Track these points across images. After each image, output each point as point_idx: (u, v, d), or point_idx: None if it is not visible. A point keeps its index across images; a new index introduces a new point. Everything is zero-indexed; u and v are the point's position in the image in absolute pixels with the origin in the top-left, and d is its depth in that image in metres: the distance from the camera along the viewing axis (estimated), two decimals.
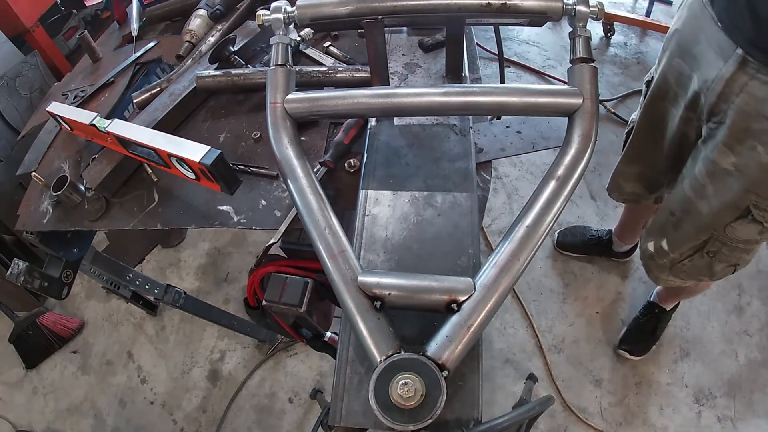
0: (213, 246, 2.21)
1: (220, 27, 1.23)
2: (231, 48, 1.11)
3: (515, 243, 0.63)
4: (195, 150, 0.77)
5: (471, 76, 1.02)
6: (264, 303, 0.77)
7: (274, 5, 0.78)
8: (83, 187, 0.98)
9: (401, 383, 0.54)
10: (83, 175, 0.99)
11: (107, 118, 0.92)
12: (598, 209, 2.12)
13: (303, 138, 0.98)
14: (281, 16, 0.77)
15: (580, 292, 1.91)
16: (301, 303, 0.76)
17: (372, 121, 0.90)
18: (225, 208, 0.90)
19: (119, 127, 0.88)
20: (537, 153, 1.00)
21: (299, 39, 0.86)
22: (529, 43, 2.81)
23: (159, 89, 1.10)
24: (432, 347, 0.57)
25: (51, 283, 1.03)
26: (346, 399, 0.62)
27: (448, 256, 0.70)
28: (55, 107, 1.04)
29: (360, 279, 0.62)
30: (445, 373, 0.55)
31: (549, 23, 0.78)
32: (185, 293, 1.44)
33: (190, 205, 0.93)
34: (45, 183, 1.01)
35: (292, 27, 0.80)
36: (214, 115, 1.08)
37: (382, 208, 0.76)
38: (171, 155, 0.80)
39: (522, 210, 0.66)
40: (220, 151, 0.75)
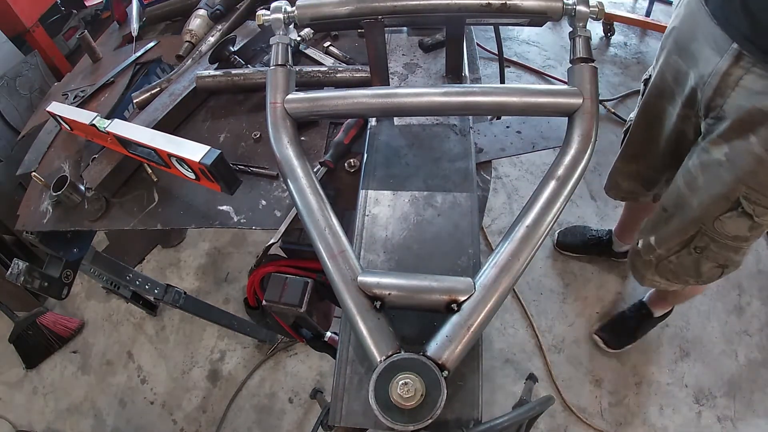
0: (213, 246, 2.21)
1: (220, 27, 1.23)
2: (231, 48, 1.11)
3: (515, 243, 0.63)
4: (195, 150, 0.77)
5: (471, 76, 1.02)
6: (264, 303, 0.77)
7: (274, 5, 0.78)
8: (83, 187, 0.98)
9: (401, 383, 0.54)
10: (83, 175, 0.99)
11: (107, 118, 0.92)
12: (598, 209, 2.12)
13: (303, 138, 0.98)
14: (281, 16, 0.77)
15: (580, 292, 1.91)
16: (301, 303, 0.76)
17: (372, 121, 0.90)
18: (225, 208, 0.90)
19: (119, 127, 0.88)
20: (537, 153, 1.00)
21: (299, 39, 0.86)
22: (529, 43, 2.81)
23: (159, 89, 1.10)
24: (432, 347, 0.58)
25: (51, 283, 1.03)
26: (346, 399, 0.62)
27: (448, 256, 0.70)
28: (55, 107, 1.04)
29: (360, 279, 0.62)
30: (445, 373, 0.55)
31: (549, 23, 0.78)
32: (185, 293, 1.44)
33: (190, 205, 0.93)
34: (45, 183, 1.01)
35: (292, 27, 0.80)
36: (214, 115, 1.08)
37: (382, 208, 0.76)
38: (171, 155, 0.80)
39: (522, 210, 0.66)
40: (220, 151, 0.75)
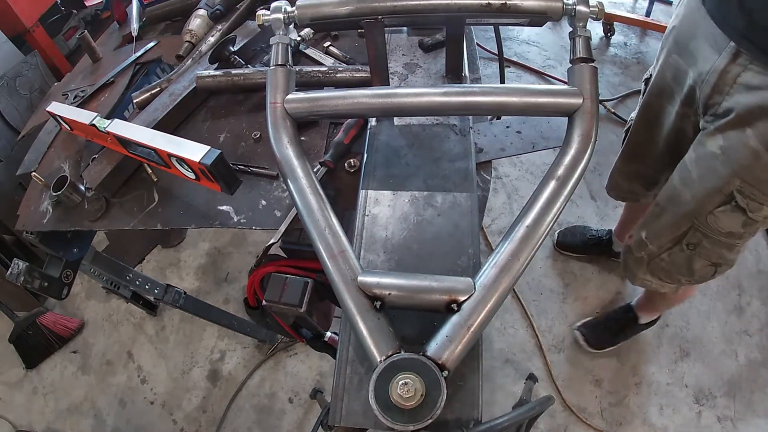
0: (213, 246, 2.21)
1: (220, 27, 1.23)
2: (231, 48, 1.11)
3: (515, 243, 0.63)
4: (195, 150, 0.77)
5: (471, 76, 1.02)
6: (264, 303, 0.77)
7: (274, 5, 0.78)
8: (83, 187, 0.98)
9: (401, 383, 0.54)
10: (83, 175, 0.99)
11: (107, 118, 0.92)
12: (598, 209, 2.12)
13: (303, 138, 0.98)
14: (281, 16, 0.77)
15: (580, 292, 1.91)
16: (301, 303, 0.76)
17: (372, 121, 0.90)
18: (225, 208, 0.90)
19: (119, 127, 0.88)
20: (537, 153, 1.00)
21: (299, 39, 0.87)
22: (529, 43, 2.81)
23: (159, 89, 1.10)
24: (432, 347, 0.58)
25: (51, 283, 1.02)
26: (346, 399, 0.62)
27: (448, 256, 0.70)
28: (55, 107, 1.04)
29: (360, 279, 0.62)
30: (445, 373, 0.55)
31: (549, 23, 0.78)
32: (185, 293, 1.44)
33: (190, 205, 0.93)
34: (45, 183, 1.01)
35: (292, 27, 0.80)
36: (214, 115, 1.08)
37: (382, 208, 0.76)
38: (171, 155, 0.80)
39: (522, 210, 0.66)
40: (220, 151, 0.75)
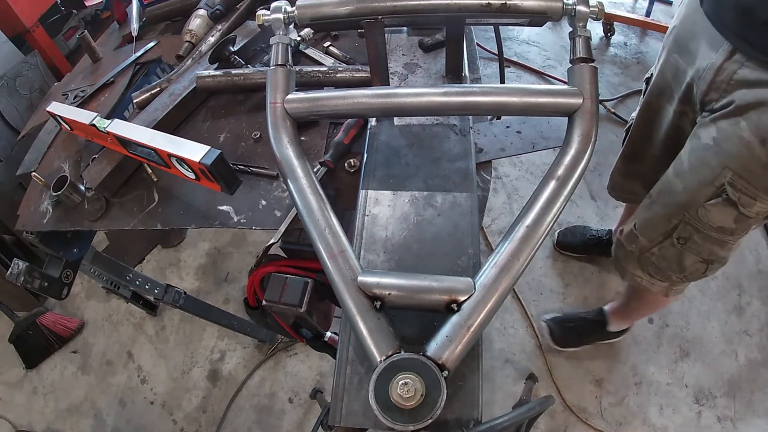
0: (213, 246, 2.21)
1: (220, 27, 1.23)
2: (231, 48, 1.11)
3: (515, 243, 0.63)
4: (195, 150, 0.77)
5: (471, 76, 1.02)
6: (264, 303, 0.77)
7: (274, 5, 0.78)
8: (83, 187, 0.98)
9: (401, 383, 0.54)
10: (83, 175, 0.99)
11: (107, 118, 0.92)
12: (598, 209, 2.12)
13: (303, 138, 0.98)
14: (281, 16, 0.77)
15: (580, 292, 1.91)
16: (301, 303, 0.76)
17: (372, 121, 0.90)
18: (225, 208, 0.90)
19: (119, 127, 0.88)
20: (537, 153, 1.00)
21: (299, 39, 0.87)
22: (529, 43, 2.81)
23: (159, 89, 1.10)
24: (432, 347, 0.58)
25: (51, 283, 1.02)
26: (346, 399, 0.62)
27: (448, 256, 0.70)
28: (55, 107, 1.04)
29: (360, 279, 0.62)
30: (445, 373, 0.55)
31: (549, 23, 0.78)
32: (185, 293, 1.44)
33: (190, 205, 0.93)
34: (45, 183, 1.01)
35: (292, 27, 0.80)
36: (214, 115, 1.08)
37: (382, 208, 0.76)
38: (171, 155, 0.80)
39: (522, 210, 0.66)
40: (220, 151, 0.75)
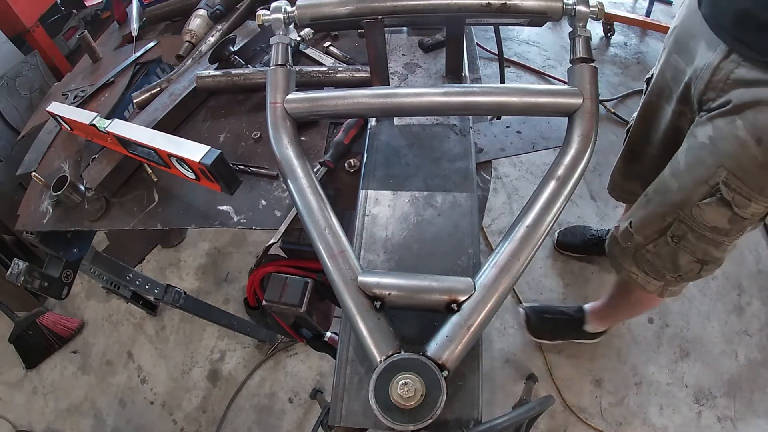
0: (213, 246, 2.21)
1: (220, 27, 1.23)
2: (231, 48, 1.11)
3: (515, 243, 0.63)
4: (195, 150, 0.77)
5: (471, 76, 1.02)
6: (264, 303, 0.77)
7: (274, 5, 0.78)
8: (83, 187, 0.98)
9: (401, 383, 0.54)
10: (83, 175, 0.99)
11: (107, 118, 0.92)
12: (598, 209, 2.12)
13: (303, 138, 0.98)
14: (281, 16, 0.77)
15: (580, 292, 1.91)
16: (301, 303, 0.76)
17: (372, 121, 0.90)
18: (225, 208, 0.90)
19: (119, 127, 0.88)
20: (537, 153, 1.00)
21: (299, 39, 0.87)
22: (529, 43, 2.81)
23: (159, 89, 1.10)
24: (432, 347, 0.58)
25: (51, 283, 1.02)
26: (346, 399, 0.62)
27: (448, 256, 0.70)
28: (55, 107, 1.04)
29: (360, 279, 0.62)
30: (445, 373, 0.55)
31: (549, 23, 0.78)
32: (185, 293, 1.44)
33: (190, 205, 0.93)
34: (45, 183, 1.01)
35: (292, 27, 0.80)
36: (214, 115, 1.08)
37: (382, 208, 0.76)
38: (171, 155, 0.80)
39: (522, 210, 0.66)
40: (220, 151, 0.75)
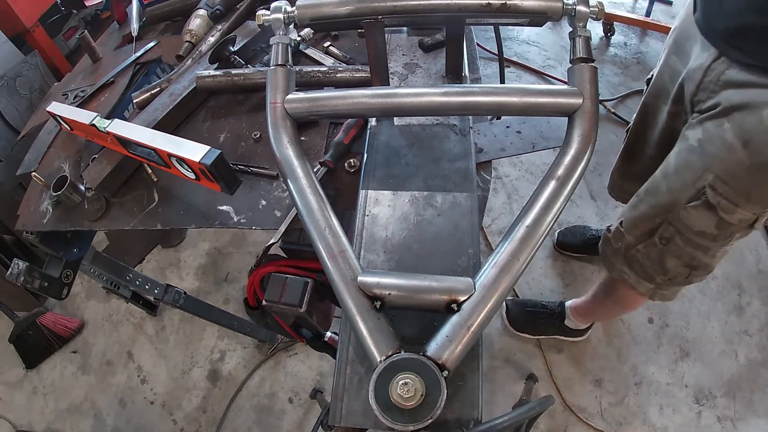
0: (213, 246, 2.21)
1: (220, 27, 1.23)
2: (231, 48, 1.11)
3: (515, 243, 0.63)
4: (195, 150, 0.77)
5: (471, 76, 1.02)
6: (264, 303, 0.77)
7: (274, 5, 0.78)
8: (83, 187, 0.98)
9: (401, 383, 0.54)
10: (83, 175, 0.99)
11: (107, 118, 0.92)
12: (598, 209, 2.12)
13: (303, 138, 0.98)
14: (281, 16, 0.77)
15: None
16: (301, 303, 0.76)
17: (372, 121, 0.90)
18: (225, 208, 0.90)
19: (119, 127, 0.88)
20: (537, 153, 1.00)
21: (299, 39, 0.87)
22: (529, 43, 2.81)
23: (159, 89, 1.10)
24: (432, 347, 0.58)
25: (51, 283, 1.02)
26: (346, 399, 0.62)
27: (448, 256, 0.70)
28: (55, 107, 1.04)
29: (360, 279, 0.62)
30: (445, 373, 0.55)
31: (549, 23, 0.78)
32: (185, 293, 1.44)
33: (190, 205, 0.93)
34: (45, 183, 1.01)
35: (292, 27, 0.80)
36: (214, 115, 1.08)
37: (382, 208, 0.76)
38: (171, 155, 0.80)
39: (522, 210, 0.66)
40: (220, 151, 0.75)
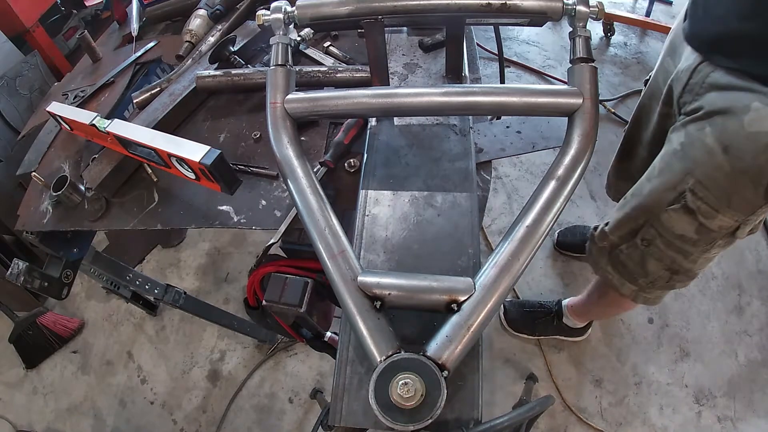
0: (213, 246, 2.21)
1: (220, 27, 1.23)
2: (231, 48, 1.11)
3: (515, 243, 0.63)
4: (195, 150, 0.77)
5: (471, 76, 1.02)
6: (264, 303, 0.77)
7: (274, 5, 0.78)
8: (83, 187, 0.98)
9: (401, 383, 0.54)
10: (83, 175, 0.99)
11: (107, 118, 0.92)
12: (598, 209, 2.12)
13: (303, 138, 0.98)
14: (281, 16, 0.77)
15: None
16: (301, 303, 0.76)
17: (372, 121, 0.90)
18: (225, 208, 0.90)
19: (119, 127, 0.88)
20: (537, 153, 1.00)
21: (299, 39, 0.86)
22: (529, 43, 2.81)
23: (159, 89, 1.10)
24: (432, 347, 0.58)
25: (51, 283, 1.02)
26: (346, 399, 0.62)
27: (448, 256, 0.70)
28: (55, 107, 1.04)
29: (360, 279, 0.62)
30: (445, 373, 0.55)
31: (549, 23, 0.78)
32: (185, 293, 1.44)
33: (190, 205, 0.93)
34: (45, 183, 1.01)
35: (292, 27, 0.80)
36: (214, 115, 1.08)
37: (382, 208, 0.76)
38: (171, 155, 0.80)
39: (522, 210, 0.66)
40: (220, 151, 0.75)
